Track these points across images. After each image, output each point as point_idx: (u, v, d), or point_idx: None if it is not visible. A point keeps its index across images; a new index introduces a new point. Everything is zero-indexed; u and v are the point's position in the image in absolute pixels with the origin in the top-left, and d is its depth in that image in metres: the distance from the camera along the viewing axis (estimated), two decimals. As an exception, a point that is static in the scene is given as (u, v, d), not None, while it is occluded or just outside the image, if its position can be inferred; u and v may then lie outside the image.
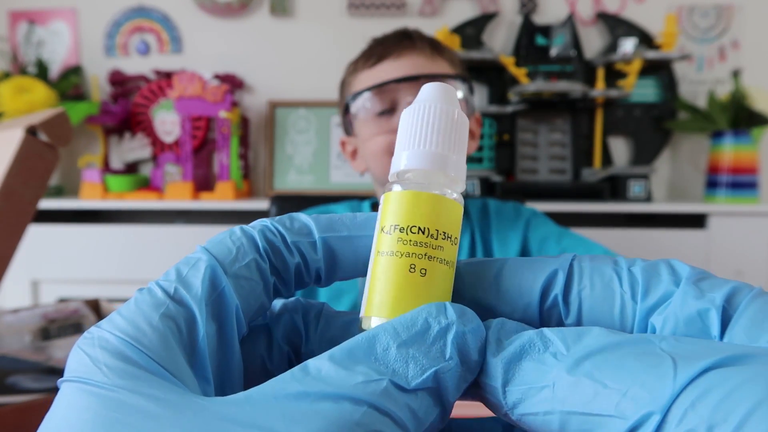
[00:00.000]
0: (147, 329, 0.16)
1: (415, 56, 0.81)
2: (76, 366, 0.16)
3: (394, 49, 0.82)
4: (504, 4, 1.89)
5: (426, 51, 0.82)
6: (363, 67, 0.84)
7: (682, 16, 1.89)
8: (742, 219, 1.57)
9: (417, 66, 0.81)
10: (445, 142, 0.20)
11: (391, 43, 0.83)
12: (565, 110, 1.85)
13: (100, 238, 1.62)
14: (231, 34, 1.94)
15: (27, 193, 0.45)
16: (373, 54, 0.83)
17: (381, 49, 0.82)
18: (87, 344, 0.16)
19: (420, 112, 0.20)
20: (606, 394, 0.14)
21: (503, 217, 0.92)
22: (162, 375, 0.15)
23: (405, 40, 0.83)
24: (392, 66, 0.81)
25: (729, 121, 1.71)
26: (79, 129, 1.90)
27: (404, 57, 0.81)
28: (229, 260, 0.19)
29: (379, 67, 0.82)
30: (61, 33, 1.96)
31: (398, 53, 0.82)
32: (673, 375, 0.13)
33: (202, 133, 1.90)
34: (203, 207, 1.65)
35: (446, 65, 0.84)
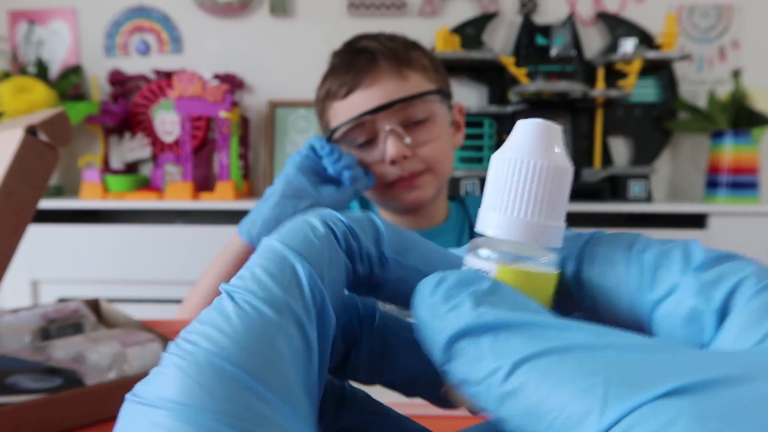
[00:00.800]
0: (265, 358, 0.14)
1: (385, 80, 0.79)
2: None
3: (363, 76, 0.80)
4: (504, 4, 1.89)
5: (394, 71, 0.80)
6: (335, 96, 0.82)
7: (682, 16, 1.89)
8: (743, 219, 1.57)
9: (388, 91, 0.79)
10: (546, 209, 0.17)
11: (359, 67, 0.81)
12: (565, 110, 1.84)
13: (99, 238, 1.62)
14: (231, 34, 1.94)
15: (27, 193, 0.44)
16: (344, 83, 0.81)
17: (350, 77, 0.81)
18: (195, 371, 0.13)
19: (517, 167, 0.17)
20: (545, 408, 0.12)
21: None
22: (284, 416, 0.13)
23: (371, 63, 0.80)
24: (364, 97, 0.80)
25: (729, 121, 1.71)
26: (79, 129, 1.90)
27: (375, 84, 0.79)
28: (324, 266, 0.16)
29: (351, 98, 0.81)
30: (60, 33, 1.96)
31: (369, 80, 0.80)
32: (599, 411, 0.11)
33: (202, 133, 1.90)
34: (203, 207, 1.65)
35: (419, 77, 0.82)
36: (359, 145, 0.81)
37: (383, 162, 0.79)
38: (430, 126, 0.81)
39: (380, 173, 0.81)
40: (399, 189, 0.81)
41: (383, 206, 0.88)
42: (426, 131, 0.81)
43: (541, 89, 1.67)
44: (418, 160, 0.80)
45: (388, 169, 0.80)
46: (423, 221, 0.89)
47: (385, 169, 0.80)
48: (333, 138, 0.82)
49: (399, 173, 0.79)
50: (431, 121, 0.81)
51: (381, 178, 0.81)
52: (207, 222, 1.78)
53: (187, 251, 1.60)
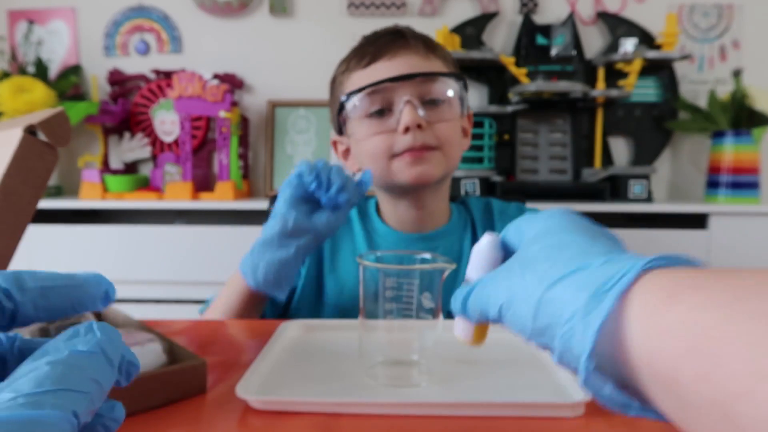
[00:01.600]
0: None
1: (409, 55, 0.80)
2: None
3: (387, 48, 0.80)
4: (504, 3, 1.89)
5: (420, 49, 0.81)
6: (356, 66, 0.82)
7: (682, 16, 1.89)
8: (743, 219, 1.56)
9: (411, 65, 0.79)
10: None
11: (384, 42, 0.81)
12: (565, 110, 1.84)
13: (99, 239, 1.61)
14: (231, 34, 1.94)
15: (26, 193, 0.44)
16: (366, 54, 0.81)
17: (374, 49, 0.80)
18: None
19: None
20: None
21: (507, 218, 0.91)
22: None
23: (398, 39, 0.81)
24: (386, 66, 0.79)
25: (730, 121, 1.71)
26: (78, 129, 1.89)
27: (398, 56, 0.79)
28: None
29: (372, 66, 0.80)
30: (60, 32, 1.96)
31: (392, 53, 0.80)
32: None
33: (202, 133, 1.89)
34: (203, 207, 1.64)
35: (440, 64, 0.83)
36: (371, 113, 0.80)
37: (395, 132, 0.78)
38: (444, 107, 0.81)
39: (389, 144, 0.79)
40: (407, 160, 0.78)
41: (387, 188, 0.85)
42: (442, 110, 0.80)
43: (541, 89, 1.67)
44: (432, 135, 0.79)
45: (399, 138, 0.78)
46: (427, 222, 0.88)
47: (397, 138, 0.78)
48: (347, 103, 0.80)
49: (411, 143, 0.77)
50: (446, 105, 0.81)
51: (389, 149, 0.79)
52: (207, 222, 1.78)
53: (187, 251, 1.60)
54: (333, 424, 0.43)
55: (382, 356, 0.54)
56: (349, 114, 0.82)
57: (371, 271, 0.52)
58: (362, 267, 0.53)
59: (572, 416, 0.44)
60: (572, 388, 0.48)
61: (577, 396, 0.46)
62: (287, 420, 0.44)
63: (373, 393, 0.49)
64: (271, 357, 0.56)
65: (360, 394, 0.49)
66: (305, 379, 0.52)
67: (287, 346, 0.61)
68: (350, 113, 0.81)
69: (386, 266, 0.52)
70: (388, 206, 0.89)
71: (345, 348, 0.60)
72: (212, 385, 0.51)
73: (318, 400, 0.46)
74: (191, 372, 0.49)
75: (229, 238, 1.59)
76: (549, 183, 1.78)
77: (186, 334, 0.68)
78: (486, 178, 1.71)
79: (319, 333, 0.66)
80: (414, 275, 0.51)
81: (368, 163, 0.82)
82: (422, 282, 0.51)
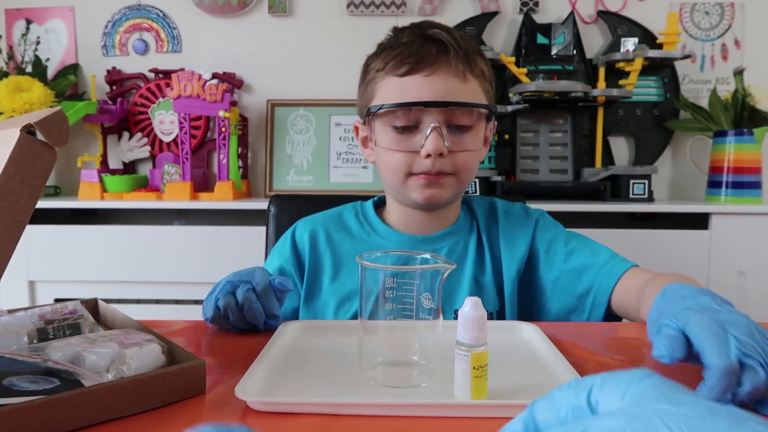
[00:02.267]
0: None
1: (448, 75, 0.79)
2: None
3: (427, 62, 0.78)
4: (504, 2, 1.89)
5: (459, 68, 0.79)
6: (392, 71, 0.80)
7: (684, 15, 1.89)
8: (745, 219, 1.56)
9: (448, 88, 0.78)
10: None
11: (426, 54, 0.79)
12: (566, 109, 1.84)
13: (98, 239, 1.61)
14: (230, 33, 1.93)
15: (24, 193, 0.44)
16: (405, 61, 0.79)
17: (414, 60, 0.79)
18: None
19: None
20: None
21: (512, 217, 0.92)
22: None
23: (441, 54, 0.79)
24: (422, 82, 0.78)
25: (731, 120, 1.71)
26: (77, 128, 1.89)
27: (437, 74, 0.78)
28: None
29: (408, 78, 0.79)
30: (58, 31, 1.95)
31: (432, 68, 0.78)
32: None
33: (201, 133, 1.89)
34: (202, 207, 1.64)
35: (476, 84, 0.82)
36: (397, 126, 0.81)
37: (417, 153, 0.80)
38: (470, 135, 0.81)
39: (409, 163, 0.81)
40: (421, 182, 0.81)
41: (400, 198, 0.87)
42: (466, 139, 0.81)
43: (541, 88, 1.67)
44: (450, 163, 0.80)
45: (420, 160, 0.80)
46: (438, 222, 0.89)
47: (417, 159, 0.80)
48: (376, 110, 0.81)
49: (428, 168, 0.79)
50: (473, 131, 0.82)
51: (408, 168, 0.81)
52: (206, 222, 1.77)
53: (186, 251, 1.59)
54: (333, 424, 0.43)
55: (382, 357, 0.53)
56: (376, 118, 0.82)
57: (371, 272, 0.52)
58: (362, 267, 0.52)
59: (574, 418, 0.44)
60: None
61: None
62: (287, 421, 0.44)
63: (373, 394, 0.49)
64: (270, 357, 0.56)
65: (360, 395, 0.48)
66: (305, 380, 0.52)
67: (287, 346, 0.61)
68: (377, 118, 0.82)
69: (386, 266, 0.52)
70: (396, 209, 0.90)
71: (345, 348, 0.60)
72: (211, 385, 0.51)
73: (318, 401, 0.46)
74: (190, 373, 0.48)
75: (229, 238, 1.59)
76: (549, 183, 1.77)
77: (185, 335, 0.68)
78: (486, 177, 1.71)
79: (319, 333, 0.66)
80: (414, 276, 0.51)
81: (385, 172, 0.85)
82: (422, 282, 0.51)
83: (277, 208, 1.15)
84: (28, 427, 0.40)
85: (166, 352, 0.51)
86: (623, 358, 0.59)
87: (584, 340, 0.65)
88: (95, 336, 0.54)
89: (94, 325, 0.60)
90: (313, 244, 0.89)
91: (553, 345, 0.58)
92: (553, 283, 0.86)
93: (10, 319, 0.56)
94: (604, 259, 0.83)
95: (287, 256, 0.90)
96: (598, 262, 0.83)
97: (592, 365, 0.57)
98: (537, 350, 0.60)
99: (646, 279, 0.75)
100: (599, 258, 0.83)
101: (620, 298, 0.78)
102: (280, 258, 0.90)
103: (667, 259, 1.55)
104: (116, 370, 0.48)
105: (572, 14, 1.80)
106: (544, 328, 0.65)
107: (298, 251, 0.90)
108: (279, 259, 0.90)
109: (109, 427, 0.44)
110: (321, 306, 0.87)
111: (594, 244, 0.87)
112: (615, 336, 0.70)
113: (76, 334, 0.58)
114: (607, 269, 0.81)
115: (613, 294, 0.79)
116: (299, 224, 0.93)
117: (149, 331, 0.56)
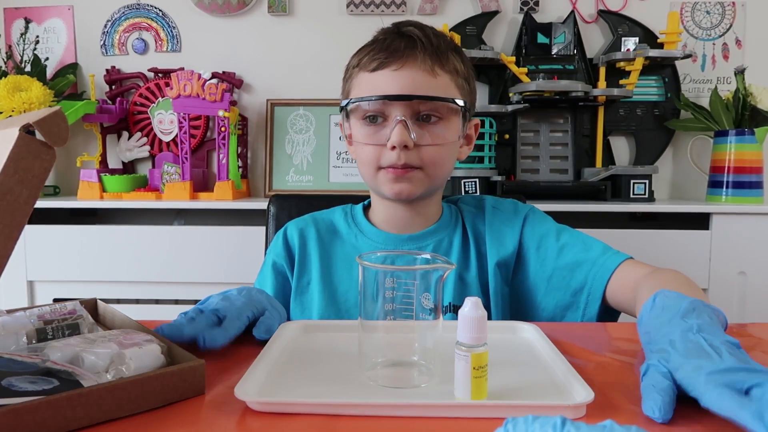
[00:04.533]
0: None
1: (415, 70, 0.80)
2: None
3: (396, 57, 0.81)
4: (505, 2, 1.88)
5: (427, 63, 0.80)
6: (365, 67, 0.83)
7: (684, 14, 1.88)
8: (746, 219, 1.56)
9: (415, 82, 0.80)
10: None
11: (395, 49, 0.81)
12: (566, 109, 1.84)
13: (97, 239, 1.61)
14: (229, 33, 1.93)
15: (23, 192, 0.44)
16: (376, 57, 0.82)
17: (384, 55, 0.81)
18: None
19: None
20: None
21: (500, 213, 0.92)
22: None
23: (409, 49, 0.81)
24: (390, 76, 0.81)
25: (732, 120, 1.70)
26: (76, 128, 1.89)
27: (405, 68, 0.80)
28: None
29: (378, 73, 0.81)
30: (57, 31, 1.95)
31: (400, 62, 0.80)
32: None
33: (201, 133, 1.89)
34: (202, 207, 1.64)
35: (447, 80, 0.83)
36: (368, 117, 0.83)
37: (384, 145, 0.81)
38: (439, 129, 0.82)
39: (378, 156, 0.82)
40: (389, 176, 0.82)
41: (375, 191, 0.90)
42: (433, 133, 0.82)
43: (542, 88, 1.67)
44: (417, 156, 0.81)
45: (386, 153, 0.81)
46: (420, 220, 0.90)
47: (384, 152, 0.82)
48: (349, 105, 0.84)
49: (394, 161, 0.81)
50: (442, 125, 0.82)
51: (377, 160, 0.83)
52: (206, 222, 1.77)
53: (186, 251, 1.59)
54: (332, 425, 0.43)
55: (382, 357, 0.53)
56: (350, 113, 0.85)
57: (371, 272, 0.52)
58: (362, 267, 0.52)
59: (574, 417, 0.44)
60: (573, 390, 0.47)
61: (578, 397, 0.46)
62: (286, 421, 0.44)
63: (372, 394, 0.49)
64: (269, 358, 0.56)
65: (360, 396, 0.48)
66: (304, 380, 0.52)
67: (286, 346, 0.61)
68: (350, 113, 0.85)
69: (386, 267, 0.52)
70: (379, 207, 0.92)
71: (344, 349, 0.59)
72: (211, 386, 0.51)
73: (317, 402, 0.45)
74: (190, 373, 0.48)
75: (228, 238, 1.58)
76: (550, 183, 1.77)
77: (184, 335, 0.68)
78: (486, 177, 1.71)
79: (319, 334, 0.66)
80: (414, 276, 0.51)
81: (360, 166, 0.88)
82: (422, 282, 0.51)
83: (276, 207, 1.14)
84: (27, 428, 0.40)
85: (165, 353, 0.51)
86: (623, 358, 0.59)
87: (584, 340, 0.65)
88: (94, 336, 0.54)
89: (93, 326, 0.60)
90: (302, 241, 0.92)
91: (553, 345, 0.58)
92: (547, 281, 0.86)
93: (9, 320, 0.56)
94: (597, 254, 0.83)
95: (279, 251, 0.93)
96: (591, 256, 0.82)
97: (593, 365, 0.57)
98: (537, 350, 0.60)
99: (639, 275, 0.75)
100: (592, 252, 0.83)
101: (615, 294, 0.78)
102: (272, 254, 0.94)
103: (667, 259, 1.55)
104: (115, 370, 0.48)
105: (573, 13, 1.80)
106: (543, 328, 0.65)
107: (289, 247, 0.93)
108: (272, 255, 0.94)
109: (108, 427, 0.43)
110: (309, 300, 0.90)
111: (586, 237, 0.87)
112: (615, 336, 0.69)
113: (75, 335, 0.58)
114: (600, 264, 0.81)
115: (608, 289, 0.79)
116: (291, 223, 0.96)
117: (148, 331, 0.56)
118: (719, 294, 1.55)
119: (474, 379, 0.46)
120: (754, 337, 0.67)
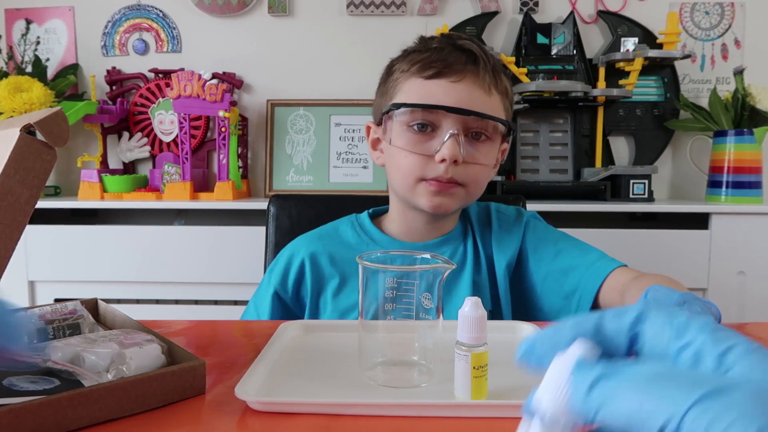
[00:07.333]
0: None
1: (474, 86, 0.78)
2: None
3: (455, 68, 0.78)
4: (504, 2, 1.89)
5: (486, 81, 0.79)
6: (418, 73, 0.80)
7: (684, 14, 1.88)
8: (745, 219, 1.56)
9: (473, 97, 0.78)
10: None
11: (454, 60, 0.79)
12: (566, 109, 1.84)
13: (97, 239, 1.61)
14: (230, 33, 1.93)
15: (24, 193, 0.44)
16: (432, 64, 0.79)
17: (442, 65, 0.79)
18: None
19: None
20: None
21: (504, 222, 0.92)
22: None
23: (470, 63, 0.79)
24: (448, 87, 0.78)
25: (731, 120, 1.71)
26: (77, 128, 1.89)
27: (463, 82, 0.78)
28: None
29: (434, 81, 0.79)
30: (58, 31, 1.95)
31: (459, 75, 0.78)
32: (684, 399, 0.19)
33: (201, 133, 1.89)
34: (202, 207, 1.64)
35: (499, 100, 0.82)
36: (415, 128, 0.80)
37: (431, 157, 0.79)
38: (485, 148, 0.81)
39: (422, 168, 0.80)
40: (431, 189, 0.80)
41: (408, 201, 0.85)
42: (480, 151, 0.81)
43: (541, 88, 1.67)
44: (463, 172, 0.79)
45: (433, 164, 0.79)
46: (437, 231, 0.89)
47: (431, 164, 0.79)
48: (396, 110, 0.80)
49: (440, 174, 0.79)
50: (489, 145, 0.81)
51: (419, 170, 0.80)
52: (206, 222, 1.77)
53: (186, 252, 1.59)
54: (333, 425, 0.43)
55: (382, 357, 0.53)
56: (395, 117, 0.81)
57: (372, 272, 0.52)
58: (362, 267, 0.52)
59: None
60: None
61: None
62: (286, 421, 0.44)
63: (373, 394, 0.49)
64: (270, 357, 0.56)
65: (360, 395, 0.48)
66: (305, 380, 0.52)
67: (286, 346, 0.61)
68: (396, 116, 0.81)
69: (386, 267, 0.52)
70: (400, 216, 0.89)
71: (345, 348, 0.59)
72: (211, 386, 0.51)
73: (317, 401, 0.46)
74: (190, 373, 0.48)
75: (229, 239, 1.58)
76: (549, 183, 1.77)
77: (185, 335, 0.68)
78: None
79: (319, 333, 0.66)
80: (414, 276, 0.51)
81: (396, 174, 0.84)
82: (423, 282, 0.51)
83: (276, 208, 1.14)
84: (28, 427, 0.40)
85: (166, 352, 0.51)
86: (623, 358, 0.59)
87: (584, 340, 0.65)
88: (95, 336, 0.54)
89: (93, 325, 0.60)
90: (314, 265, 0.87)
91: (553, 345, 0.58)
92: (542, 283, 0.86)
93: (10, 319, 0.56)
94: (592, 260, 0.82)
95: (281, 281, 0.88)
96: (585, 262, 0.82)
97: (592, 365, 0.57)
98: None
99: (628, 279, 0.74)
100: (587, 258, 0.83)
101: (605, 299, 0.78)
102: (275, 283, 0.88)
103: (667, 259, 1.55)
104: (116, 370, 0.48)
105: (572, 14, 1.80)
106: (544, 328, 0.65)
107: (297, 275, 0.88)
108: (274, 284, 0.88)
109: (108, 427, 0.43)
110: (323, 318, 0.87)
111: (584, 245, 0.87)
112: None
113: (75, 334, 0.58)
114: (593, 269, 0.80)
115: (600, 294, 0.79)
116: (297, 246, 0.90)
117: (149, 331, 0.56)
118: (718, 294, 1.55)
119: (474, 378, 0.46)
120: (754, 337, 0.68)
